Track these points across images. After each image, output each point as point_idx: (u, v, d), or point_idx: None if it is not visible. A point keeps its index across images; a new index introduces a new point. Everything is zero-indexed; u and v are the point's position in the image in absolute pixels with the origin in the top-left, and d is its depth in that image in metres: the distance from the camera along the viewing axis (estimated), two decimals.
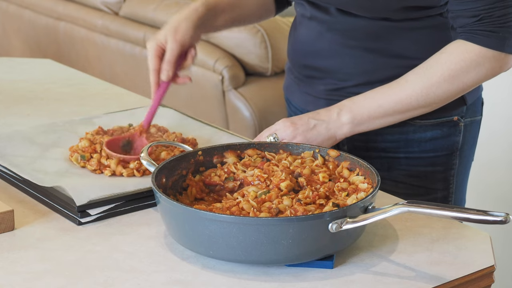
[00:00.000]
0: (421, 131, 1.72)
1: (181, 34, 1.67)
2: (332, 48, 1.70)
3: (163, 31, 1.68)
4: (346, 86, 1.71)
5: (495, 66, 1.58)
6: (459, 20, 1.59)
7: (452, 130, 1.74)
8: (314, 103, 1.77)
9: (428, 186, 1.77)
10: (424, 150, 1.74)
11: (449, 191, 1.78)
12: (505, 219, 1.24)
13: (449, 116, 1.72)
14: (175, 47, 1.66)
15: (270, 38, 3.10)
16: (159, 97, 1.68)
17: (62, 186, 1.49)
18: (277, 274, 1.30)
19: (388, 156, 1.74)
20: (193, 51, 1.70)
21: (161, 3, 3.39)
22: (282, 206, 1.36)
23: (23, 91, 2.11)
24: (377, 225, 1.44)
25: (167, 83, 1.68)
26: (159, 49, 1.67)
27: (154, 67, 1.66)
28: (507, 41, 1.57)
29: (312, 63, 1.75)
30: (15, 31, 4.11)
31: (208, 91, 3.14)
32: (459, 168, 1.78)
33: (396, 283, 1.28)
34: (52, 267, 1.32)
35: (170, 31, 1.67)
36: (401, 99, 1.59)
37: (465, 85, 1.59)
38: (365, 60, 1.68)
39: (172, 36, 1.66)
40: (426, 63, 1.59)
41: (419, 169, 1.75)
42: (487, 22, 1.56)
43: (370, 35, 1.66)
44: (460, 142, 1.75)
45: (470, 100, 1.74)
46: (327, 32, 1.70)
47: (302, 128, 1.58)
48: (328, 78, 1.73)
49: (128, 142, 1.67)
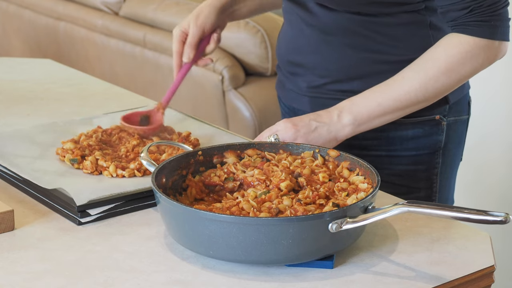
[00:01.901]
0: (402, 129, 1.73)
1: (202, 19, 1.79)
2: (312, 44, 1.73)
3: (187, 18, 1.80)
4: (326, 82, 1.73)
5: (489, 55, 1.59)
6: (450, 14, 1.59)
7: (435, 129, 1.75)
8: (297, 100, 1.79)
9: (410, 185, 1.77)
10: (406, 148, 1.74)
11: (432, 190, 1.79)
12: (505, 219, 1.24)
13: (430, 115, 1.73)
14: (196, 31, 1.78)
15: (270, 38, 3.10)
16: (181, 77, 1.79)
17: (62, 187, 1.49)
18: (277, 274, 1.30)
19: (370, 155, 1.75)
20: (216, 36, 1.81)
21: (161, 3, 3.39)
22: (282, 206, 1.36)
23: (23, 91, 2.11)
24: (377, 225, 1.44)
25: (188, 64, 1.79)
26: (182, 34, 1.79)
27: (177, 50, 1.79)
28: (498, 29, 1.58)
29: (294, 59, 1.77)
30: (15, 31, 4.11)
31: (208, 91, 3.14)
32: (442, 167, 1.79)
33: (396, 283, 1.28)
34: (52, 267, 1.32)
35: (192, 17, 1.80)
36: (400, 95, 1.60)
37: (462, 77, 1.60)
38: (344, 55, 1.70)
39: (193, 22, 1.79)
40: (422, 58, 1.60)
41: (401, 168, 1.76)
42: (478, 12, 1.57)
43: (348, 30, 1.68)
44: (443, 141, 1.76)
45: (453, 99, 1.75)
46: (307, 28, 1.73)
47: (304, 130, 1.58)
48: (309, 74, 1.75)
49: (146, 117, 1.76)
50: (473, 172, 2.93)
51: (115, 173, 1.57)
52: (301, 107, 1.78)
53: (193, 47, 1.78)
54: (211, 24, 1.80)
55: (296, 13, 1.75)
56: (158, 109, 1.77)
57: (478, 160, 2.95)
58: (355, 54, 1.69)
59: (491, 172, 3.03)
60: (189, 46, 1.78)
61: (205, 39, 1.81)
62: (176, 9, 3.33)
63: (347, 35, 1.69)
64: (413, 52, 1.64)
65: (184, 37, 1.79)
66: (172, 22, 3.30)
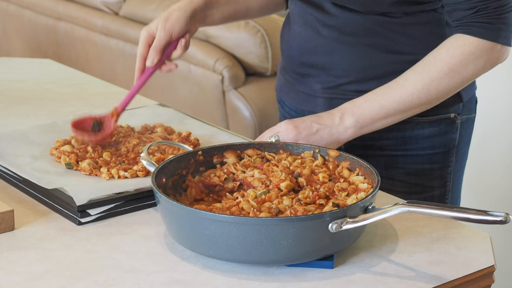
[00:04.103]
0: (419, 128, 1.73)
1: (171, 23, 1.71)
2: (329, 44, 1.71)
3: (155, 20, 1.73)
4: (343, 83, 1.72)
5: (492, 57, 1.59)
6: (456, 13, 1.59)
7: (449, 127, 1.74)
8: (310, 102, 1.77)
9: (425, 184, 1.77)
10: (422, 147, 1.74)
11: (446, 189, 1.79)
12: (505, 219, 1.24)
13: (446, 113, 1.73)
14: (163, 35, 1.70)
15: (270, 38, 3.10)
16: (141, 82, 1.72)
17: (62, 186, 1.49)
18: (277, 274, 1.30)
19: (385, 154, 1.74)
20: (183, 41, 1.73)
21: (161, 3, 3.39)
22: (282, 206, 1.36)
23: (23, 91, 2.11)
24: (377, 225, 1.44)
25: (151, 69, 1.72)
26: (149, 37, 1.72)
27: (142, 53, 1.72)
28: (502, 32, 1.58)
29: (308, 60, 1.75)
30: (15, 31, 4.11)
31: (208, 91, 3.14)
32: (455, 166, 1.79)
33: (396, 283, 1.28)
34: (52, 267, 1.32)
35: (161, 20, 1.72)
36: (403, 98, 1.59)
37: (464, 79, 1.60)
38: (362, 56, 1.69)
39: (162, 25, 1.71)
40: (425, 60, 1.60)
41: (416, 166, 1.75)
42: (483, 14, 1.57)
43: (366, 30, 1.67)
44: (457, 140, 1.76)
45: (466, 97, 1.75)
46: (323, 28, 1.71)
47: (305, 132, 1.58)
48: (324, 75, 1.73)
49: (98, 123, 1.67)
50: (473, 171, 2.93)
51: (117, 175, 1.57)
52: (313, 109, 1.76)
53: (158, 52, 1.70)
54: (180, 29, 1.71)
55: (310, 14, 1.73)
56: (112, 115, 1.68)
57: (478, 160, 2.95)
58: (373, 54, 1.69)
59: (491, 172, 3.03)
60: (154, 50, 1.70)
61: (173, 44, 1.72)
62: None
63: (365, 35, 1.68)
64: (430, 51, 1.63)
65: (150, 40, 1.71)
66: None
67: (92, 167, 1.58)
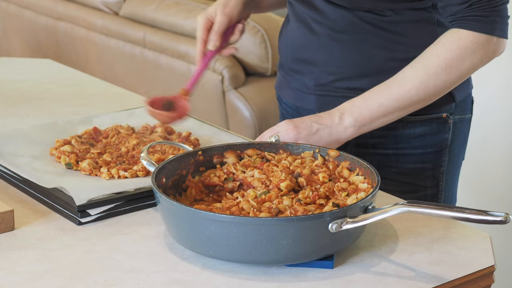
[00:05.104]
0: (410, 127, 1.73)
1: (230, 8, 1.77)
2: (321, 41, 1.73)
3: (213, 5, 1.78)
4: (335, 79, 1.73)
5: (488, 50, 1.59)
6: (449, 8, 1.60)
7: (441, 127, 1.75)
8: (303, 99, 1.78)
9: (417, 183, 1.77)
10: (414, 146, 1.75)
11: (438, 189, 1.79)
12: (505, 219, 1.24)
13: (437, 112, 1.73)
14: (223, 19, 1.76)
15: (270, 38, 3.10)
16: (204, 65, 1.76)
17: (62, 186, 1.49)
18: (277, 274, 1.30)
19: (378, 153, 1.75)
20: (241, 26, 1.79)
21: (161, 3, 3.39)
22: (282, 206, 1.36)
23: (23, 91, 2.11)
24: (377, 225, 1.44)
25: (212, 53, 1.76)
26: (208, 21, 1.77)
27: (202, 37, 1.76)
28: (497, 25, 1.58)
29: (302, 56, 1.77)
30: (15, 31, 4.11)
31: (208, 91, 3.14)
32: (448, 166, 1.79)
33: (396, 283, 1.28)
34: (52, 267, 1.32)
35: (220, 5, 1.78)
36: (401, 95, 1.59)
37: (462, 73, 1.60)
38: (353, 52, 1.70)
39: (221, 9, 1.76)
40: (421, 56, 1.60)
41: (408, 166, 1.76)
42: (477, 7, 1.57)
43: (356, 27, 1.69)
44: (449, 139, 1.77)
45: (459, 97, 1.75)
46: (316, 25, 1.73)
47: (305, 132, 1.58)
48: (317, 72, 1.74)
49: (169, 103, 1.70)
50: (473, 171, 2.93)
51: (117, 175, 1.57)
52: (306, 105, 1.78)
53: (219, 36, 1.75)
54: (238, 14, 1.78)
55: (303, 11, 1.75)
56: (181, 96, 1.71)
57: (478, 160, 2.95)
58: (364, 51, 1.70)
59: (491, 172, 3.03)
60: (216, 34, 1.75)
61: (230, 29, 1.78)
62: (176, 9, 3.33)
63: (355, 32, 1.69)
64: (421, 50, 1.64)
65: (209, 24, 1.76)
66: (172, 22, 3.31)
67: (92, 167, 1.58)
